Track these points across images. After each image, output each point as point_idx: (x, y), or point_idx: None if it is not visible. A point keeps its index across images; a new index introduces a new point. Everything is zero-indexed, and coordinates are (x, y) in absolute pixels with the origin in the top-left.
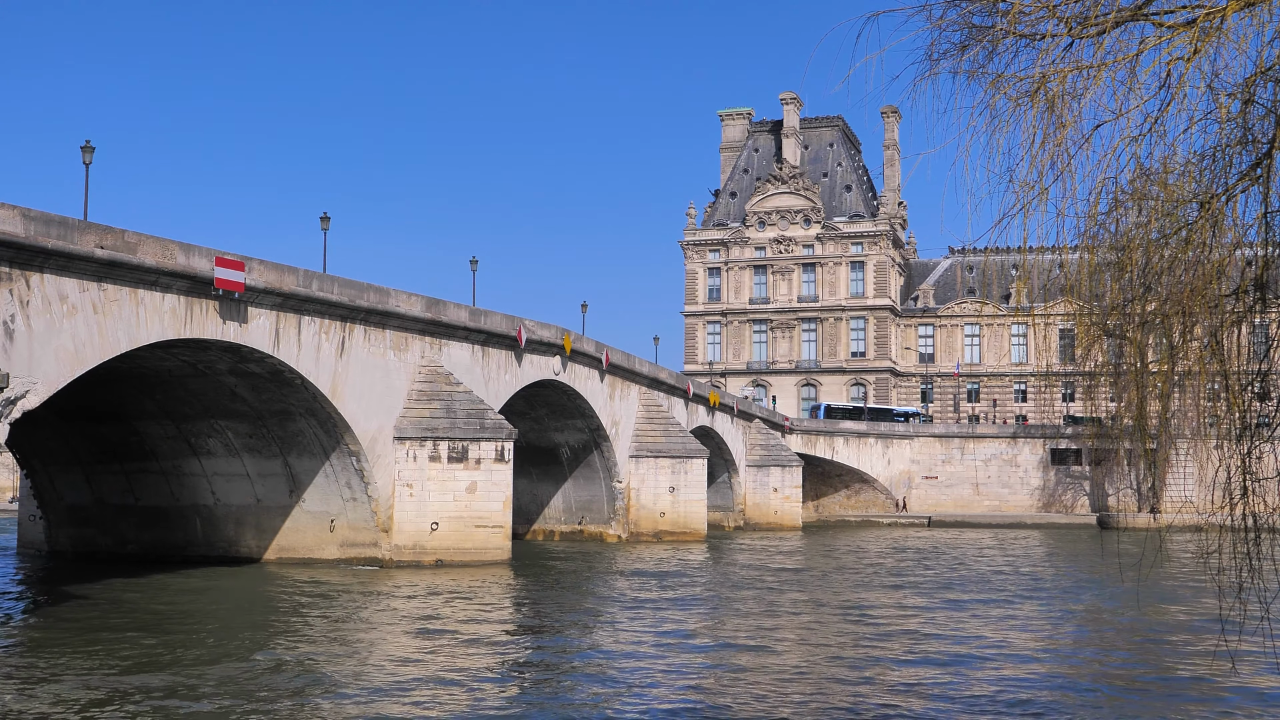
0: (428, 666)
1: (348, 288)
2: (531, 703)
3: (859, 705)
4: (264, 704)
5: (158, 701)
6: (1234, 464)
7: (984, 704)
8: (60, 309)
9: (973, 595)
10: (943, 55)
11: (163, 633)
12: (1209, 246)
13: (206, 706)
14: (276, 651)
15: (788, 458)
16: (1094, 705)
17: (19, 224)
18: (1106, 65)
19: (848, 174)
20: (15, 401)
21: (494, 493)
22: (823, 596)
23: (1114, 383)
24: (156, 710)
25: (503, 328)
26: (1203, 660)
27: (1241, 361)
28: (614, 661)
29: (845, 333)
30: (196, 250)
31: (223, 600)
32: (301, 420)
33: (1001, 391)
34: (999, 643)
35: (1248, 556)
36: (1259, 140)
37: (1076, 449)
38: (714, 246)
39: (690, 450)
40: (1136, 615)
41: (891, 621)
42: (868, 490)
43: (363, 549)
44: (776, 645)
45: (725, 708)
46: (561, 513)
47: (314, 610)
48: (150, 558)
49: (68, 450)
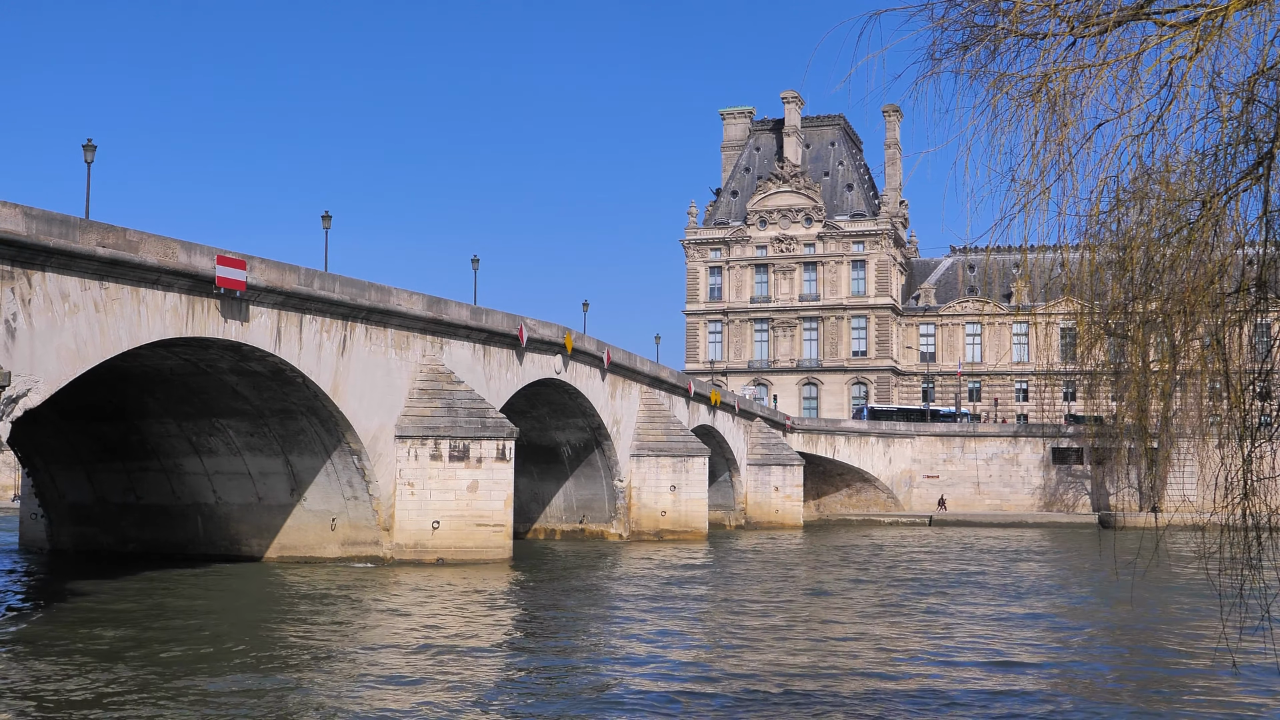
0: (429, 665)
1: (349, 286)
2: (532, 702)
3: (859, 705)
4: (265, 703)
5: (159, 700)
6: (1235, 463)
7: (983, 704)
8: (62, 307)
9: (973, 594)
10: (944, 54)
11: (164, 631)
12: (1211, 245)
13: (208, 705)
14: (278, 650)
15: (789, 457)
16: (1093, 705)
17: (21, 222)
18: (1108, 64)
19: (849, 173)
20: (17, 400)
21: (495, 491)
22: (823, 596)
23: (1115, 382)
24: (158, 709)
25: (504, 326)
26: (1202, 659)
27: (1243, 361)
28: (615, 661)
29: (846, 332)
30: (198, 249)
31: (224, 599)
32: (303, 419)
33: (1003, 390)
34: (999, 643)
35: (1248, 556)
36: (1261, 139)
37: (1078, 448)
38: (715, 245)
39: (692, 449)
40: (1135, 614)
41: (892, 621)
42: (869, 489)
43: (364, 548)
44: (777, 645)
45: (726, 707)
46: (563, 512)
47: (315, 609)
48: (152, 556)
49: (69, 449)
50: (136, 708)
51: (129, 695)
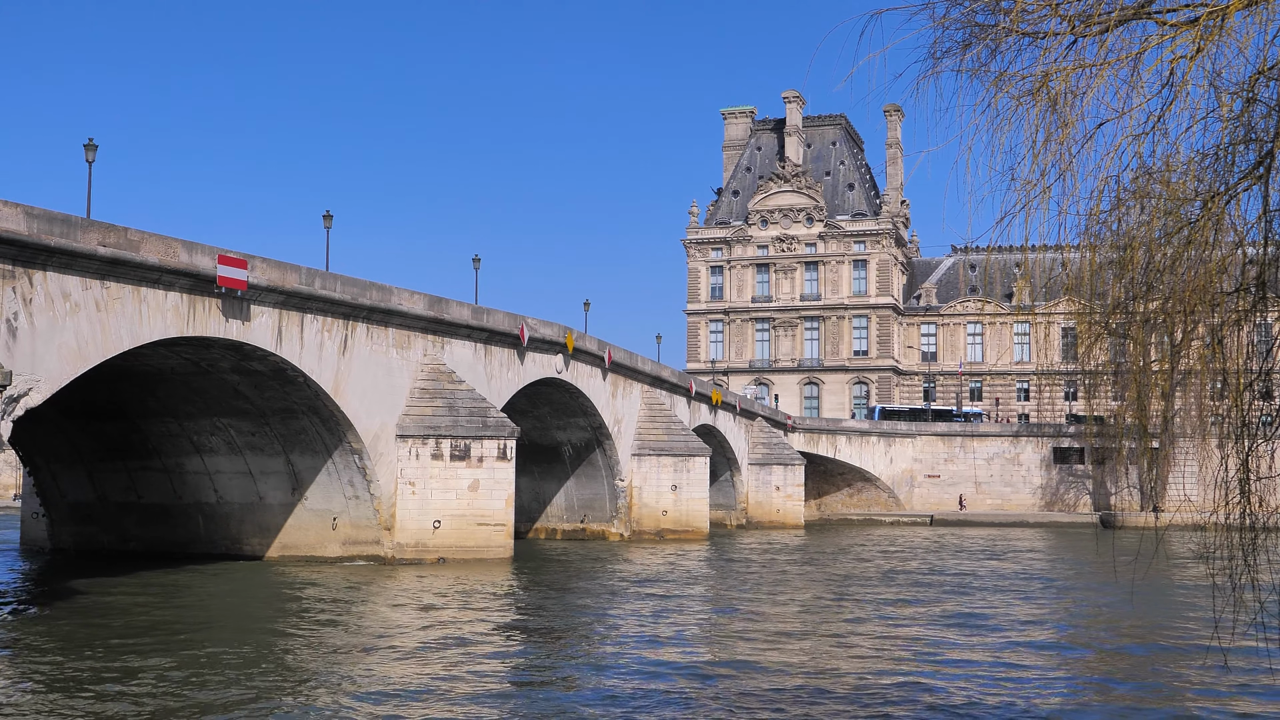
0: (430, 664)
1: (350, 286)
2: (532, 701)
3: (860, 705)
4: (266, 702)
5: (160, 699)
6: (1234, 463)
7: (983, 704)
8: (63, 307)
9: (973, 594)
10: (945, 53)
11: (165, 630)
12: (1211, 245)
13: (210, 704)
14: (279, 649)
15: (790, 456)
16: (1092, 704)
17: (22, 222)
18: (1109, 63)
19: (850, 172)
20: (18, 399)
21: (496, 491)
22: (825, 595)
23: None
24: (159, 708)
25: (505, 326)
26: (1197, 658)
27: (1243, 360)
28: (615, 661)
29: (848, 331)
30: (199, 248)
31: (225, 598)
32: (304, 418)
33: (1004, 390)
34: (997, 643)
35: (1245, 555)
36: (1261, 139)
37: (1079, 448)
38: (717, 245)
39: (693, 448)
40: (1134, 613)
41: (892, 621)
42: (870, 489)
43: (365, 547)
44: (778, 645)
45: (726, 707)
46: (564, 511)
47: (316, 608)
48: (153, 555)
49: (71, 448)
50: (138, 706)
51: (130, 693)
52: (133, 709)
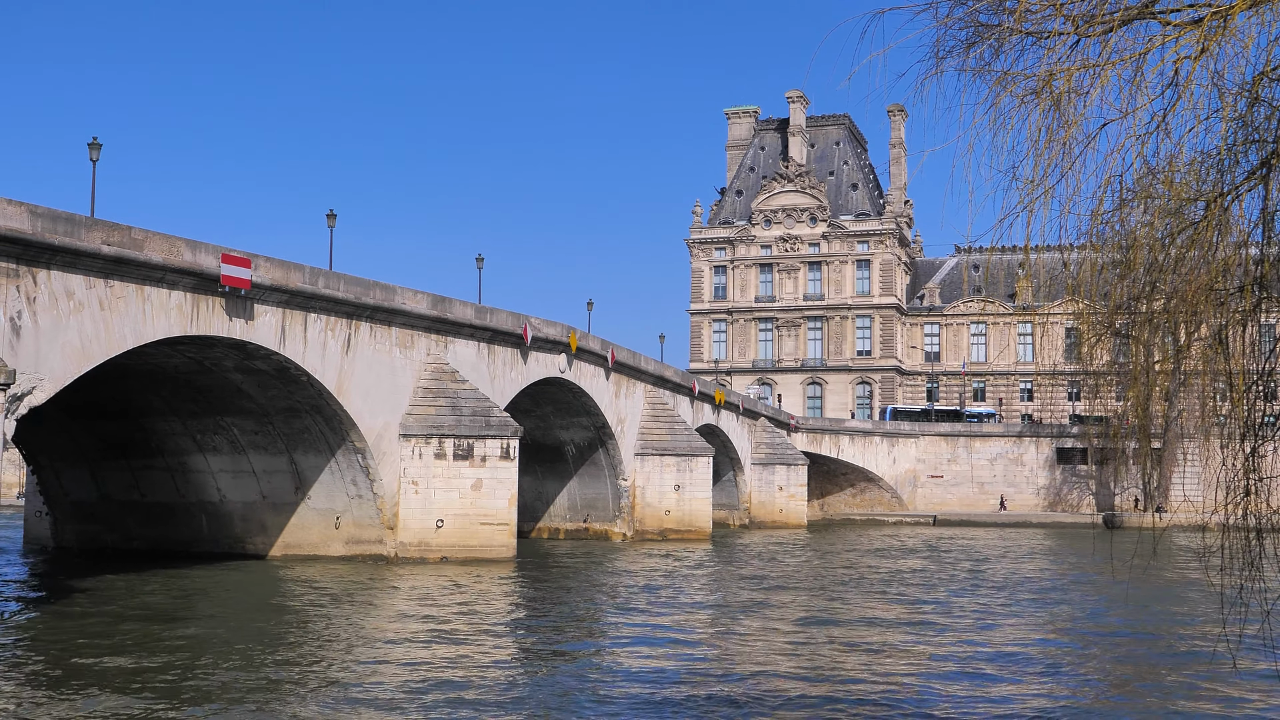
0: (431, 663)
1: (354, 285)
2: (534, 701)
3: (860, 705)
4: (267, 701)
5: (161, 698)
6: (1237, 463)
7: (983, 704)
8: (67, 305)
9: (974, 594)
10: (948, 53)
11: (167, 629)
12: (1214, 245)
13: (210, 703)
14: (281, 648)
15: (793, 456)
16: (1091, 704)
17: (26, 220)
18: (1113, 63)
19: (854, 172)
20: (22, 398)
21: (499, 490)
22: (827, 596)
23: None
24: (160, 707)
25: (508, 325)
26: (1202, 659)
27: (1246, 360)
28: (617, 660)
29: (851, 331)
30: (203, 247)
31: (228, 597)
32: (307, 417)
33: (1007, 390)
34: (999, 643)
35: (1248, 556)
36: (1265, 140)
37: (1082, 448)
38: (720, 245)
39: (695, 448)
40: (1136, 614)
41: (892, 620)
42: (873, 489)
43: (368, 546)
44: (779, 645)
45: (727, 707)
46: (566, 510)
47: (319, 607)
48: (156, 554)
49: (74, 446)
50: (139, 706)
51: (131, 693)
52: (134, 708)
